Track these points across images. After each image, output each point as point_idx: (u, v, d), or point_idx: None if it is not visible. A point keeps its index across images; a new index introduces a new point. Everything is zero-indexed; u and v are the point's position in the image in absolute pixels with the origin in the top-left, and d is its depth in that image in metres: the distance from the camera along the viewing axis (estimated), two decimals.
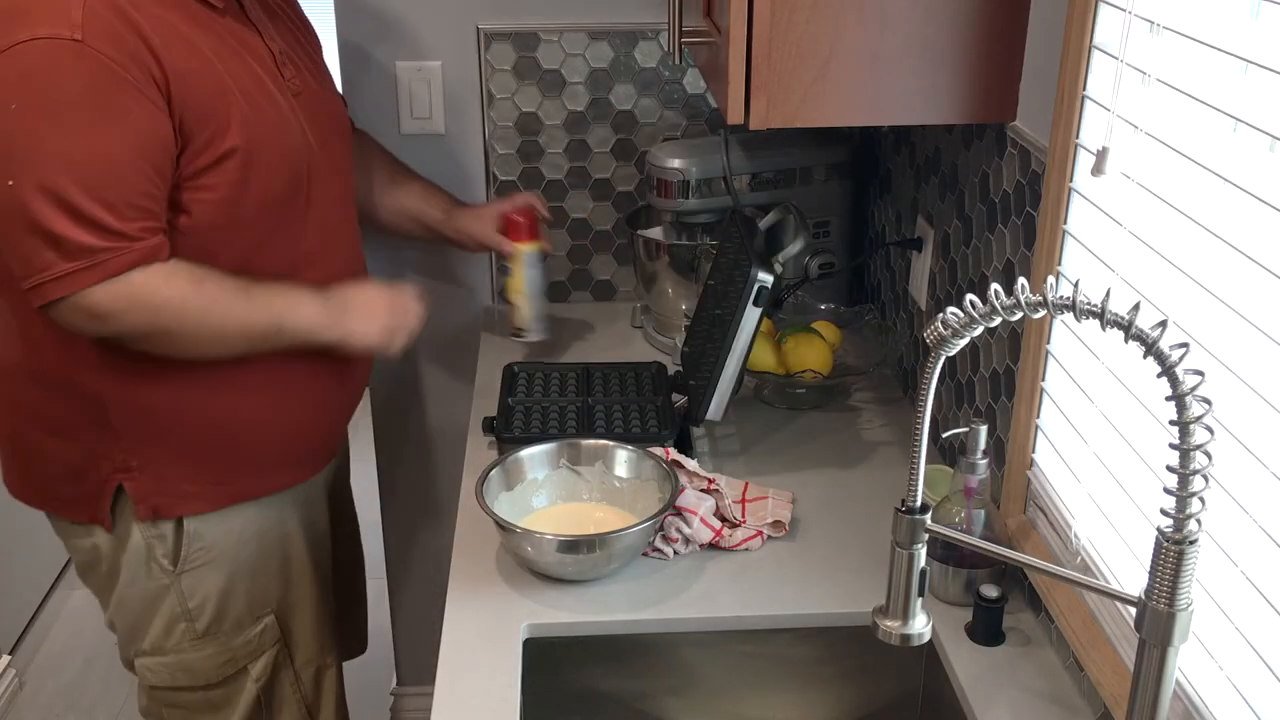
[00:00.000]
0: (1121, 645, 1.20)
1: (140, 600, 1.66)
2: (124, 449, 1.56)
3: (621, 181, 2.16)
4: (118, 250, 1.38)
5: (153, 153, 1.39)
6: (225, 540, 1.65)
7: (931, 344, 0.97)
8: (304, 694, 1.80)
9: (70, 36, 1.31)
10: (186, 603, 1.65)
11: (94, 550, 1.65)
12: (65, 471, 1.60)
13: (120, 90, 1.34)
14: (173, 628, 1.67)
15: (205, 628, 1.67)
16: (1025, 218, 1.39)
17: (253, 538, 1.67)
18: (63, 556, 3.12)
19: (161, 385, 1.54)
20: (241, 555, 1.66)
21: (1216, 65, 1.00)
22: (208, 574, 1.64)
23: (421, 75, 2.04)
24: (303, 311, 1.55)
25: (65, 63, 1.31)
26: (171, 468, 1.58)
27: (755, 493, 1.58)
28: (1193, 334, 1.04)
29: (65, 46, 1.31)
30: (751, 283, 1.59)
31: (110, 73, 1.33)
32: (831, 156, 2.04)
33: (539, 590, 1.43)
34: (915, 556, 1.06)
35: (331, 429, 1.77)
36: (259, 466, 1.65)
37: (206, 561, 1.64)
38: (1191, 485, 0.89)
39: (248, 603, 1.69)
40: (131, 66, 1.34)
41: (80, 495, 1.61)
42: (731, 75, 1.37)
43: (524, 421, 1.73)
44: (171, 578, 1.63)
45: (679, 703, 1.46)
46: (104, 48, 1.32)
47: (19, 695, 2.73)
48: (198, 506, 1.61)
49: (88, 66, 1.32)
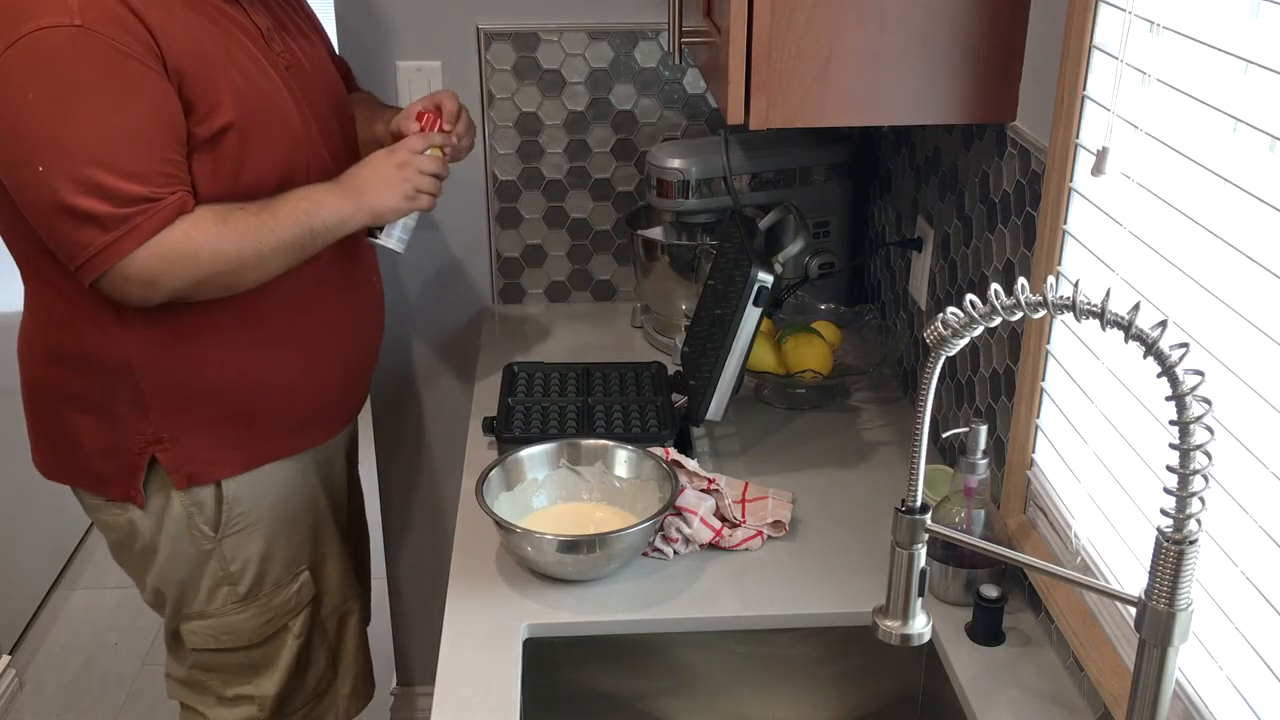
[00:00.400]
0: (1121, 645, 1.20)
1: (185, 568, 1.70)
2: (154, 421, 1.60)
3: (621, 181, 2.16)
4: (149, 211, 1.41)
5: (169, 119, 1.43)
6: (261, 504, 1.70)
7: (931, 344, 0.97)
8: (329, 641, 1.87)
9: (71, 23, 1.35)
10: (229, 566, 1.70)
11: (130, 526, 1.68)
12: (98, 448, 1.63)
13: (127, 66, 1.39)
14: (215, 592, 1.72)
15: (247, 590, 1.72)
16: (1025, 218, 1.39)
17: (285, 499, 1.73)
18: (63, 557, 3.13)
19: (186, 353, 1.58)
20: (277, 517, 1.72)
21: (1216, 65, 1.00)
22: (247, 537, 1.70)
23: (421, 75, 2.04)
24: (326, 207, 1.56)
25: (71, 48, 1.36)
26: (202, 434, 1.62)
27: (755, 493, 1.58)
28: (1193, 334, 1.04)
29: (68, 33, 1.35)
30: (751, 283, 1.59)
31: (115, 50, 1.37)
32: (831, 156, 2.04)
33: (539, 590, 1.43)
34: (915, 556, 1.06)
35: (350, 386, 1.82)
36: (284, 426, 1.70)
37: (246, 525, 1.69)
38: (1191, 485, 0.89)
39: (284, 563, 1.75)
40: (133, 43, 1.39)
41: (114, 471, 1.63)
42: (731, 75, 1.37)
43: (524, 421, 1.73)
44: (214, 543, 1.68)
45: (679, 703, 1.46)
46: (105, 29, 1.37)
47: (19, 695, 2.73)
48: (229, 469, 1.66)
49: (93, 48, 1.37)
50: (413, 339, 2.24)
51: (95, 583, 3.10)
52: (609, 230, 2.20)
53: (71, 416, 1.63)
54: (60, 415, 1.64)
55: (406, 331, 2.22)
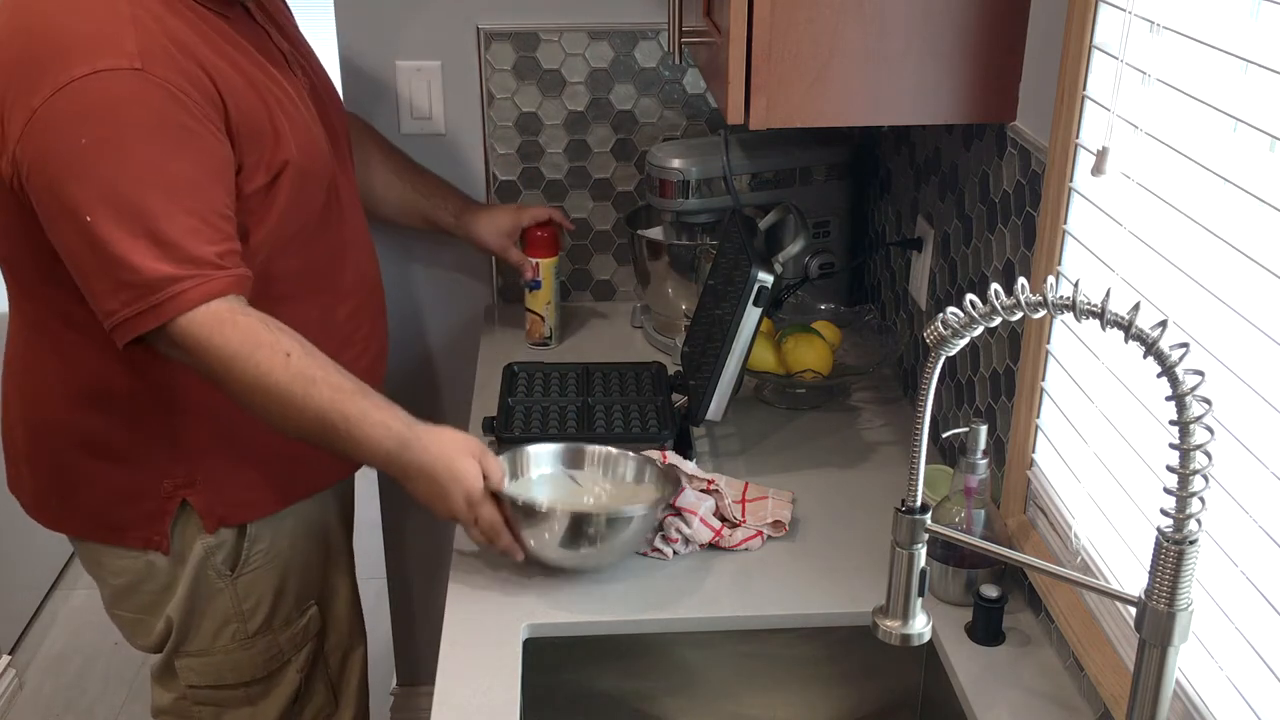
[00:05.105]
0: (1121, 645, 1.20)
1: (195, 606, 1.63)
2: (187, 464, 1.53)
3: (621, 181, 2.16)
4: (194, 281, 1.31)
5: (223, 174, 1.36)
6: (280, 541, 1.64)
7: (931, 344, 0.97)
8: (331, 676, 1.81)
9: (130, 66, 1.27)
10: (241, 605, 1.63)
11: (147, 569, 1.60)
12: (118, 496, 1.55)
13: (185, 115, 1.31)
14: (223, 630, 1.64)
15: (257, 627, 1.66)
16: (1025, 218, 1.39)
17: (303, 535, 1.68)
18: (62, 557, 3.12)
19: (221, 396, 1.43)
20: (293, 553, 1.66)
21: (1216, 65, 1.00)
22: (263, 575, 1.63)
23: (421, 75, 2.04)
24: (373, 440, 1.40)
25: (130, 93, 1.28)
26: (233, 476, 1.56)
27: (755, 493, 1.58)
28: (1193, 334, 1.04)
29: (128, 76, 1.27)
30: (751, 283, 1.59)
31: (174, 99, 1.30)
32: (831, 156, 2.04)
33: (539, 590, 1.43)
34: (915, 556, 1.06)
35: None
36: (312, 464, 1.62)
37: (263, 564, 1.63)
38: (1191, 485, 0.89)
39: (295, 598, 1.69)
40: (192, 90, 1.32)
41: (135, 518, 1.56)
42: (731, 75, 1.37)
43: (524, 421, 1.73)
44: (227, 582, 1.61)
45: (679, 703, 1.46)
46: (165, 74, 1.29)
47: (19, 695, 2.73)
48: (260, 511, 1.60)
49: (152, 95, 1.29)
50: (413, 339, 2.24)
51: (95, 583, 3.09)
52: (609, 230, 2.20)
53: (85, 463, 1.53)
54: (71, 462, 1.54)
55: (407, 331, 2.22)
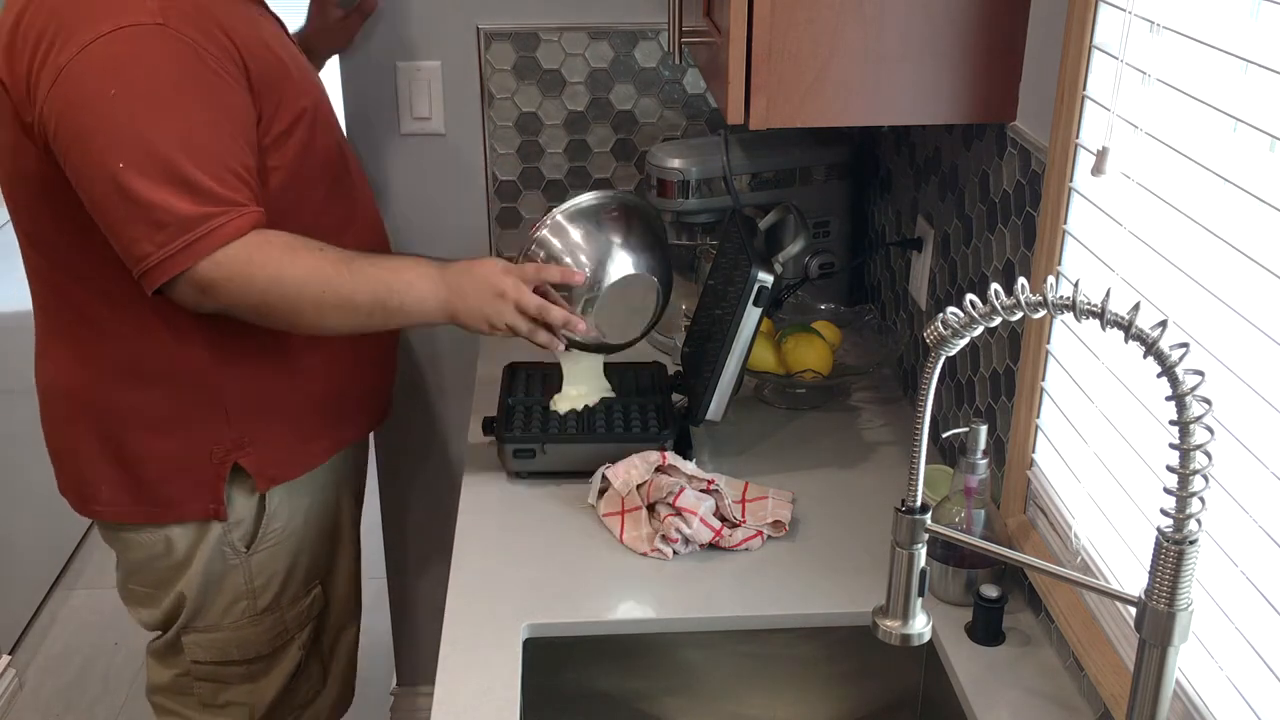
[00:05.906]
0: (1121, 645, 1.20)
1: (208, 582, 1.67)
2: (233, 428, 1.59)
3: (621, 181, 2.16)
4: (227, 216, 1.39)
5: (244, 124, 1.44)
6: (294, 519, 1.69)
7: (931, 344, 0.97)
8: (323, 655, 1.86)
9: (153, 21, 1.37)
10: (253, 581, 1.68)
11: (165, 544, 1.64)
12: (171, 468, 1.59)
13: (206, 68, 1.40)
14: (233, 606, 1.69)
15: (266, 604, 1.71)
16: (1025, 218, 1.39)
17: (317, 514, 1.73)
18: (63, 557, 3.13)
19: (263, 354, 1.58)
20: (306, 530, 1.72)
21: (1216, 65, 1.00)
22: (276, 553, 1.69)
23: (421, 75, 2.04)
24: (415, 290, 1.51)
25: (154, 47, 1.37)
26: (279, 434, 1.63)
27: (755, 493, 1.58)
28: (1193, 334, 1.04)
29: (151, 31, 1.37)
30: (751, 283, 1.59)
31: (195, 53, 1.39)
32: (831, 156, 2.04)
33: (539, 590, 1.43)
34: (915, 556, 1.06)
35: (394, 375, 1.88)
36: (349, 410, 1.72)
37: (278, 542, 1.68)
38: (1191, 485, 0.89)
39: (304, 575, 1.75)
40: (211, 45, 1.40)
41: (190, 488, 1.60)
42: (731, 75, 1.37)
43: (524, 421, 1.72)
44: (242, 559, 1.66)
45: (679, 703, 1.46)
46: (186, 30, 1.38)
47: (19, 695, 2.73)
48: (309, 463, 1.68)
49: (175, 48, 1.38)
50: (413, 338, 2.24)
51: (95, 583, 3.09)
52: None
53: (134, 440, 1.58)
54: (120, 440, 1.58)
55: (407, 330, 2.22)
